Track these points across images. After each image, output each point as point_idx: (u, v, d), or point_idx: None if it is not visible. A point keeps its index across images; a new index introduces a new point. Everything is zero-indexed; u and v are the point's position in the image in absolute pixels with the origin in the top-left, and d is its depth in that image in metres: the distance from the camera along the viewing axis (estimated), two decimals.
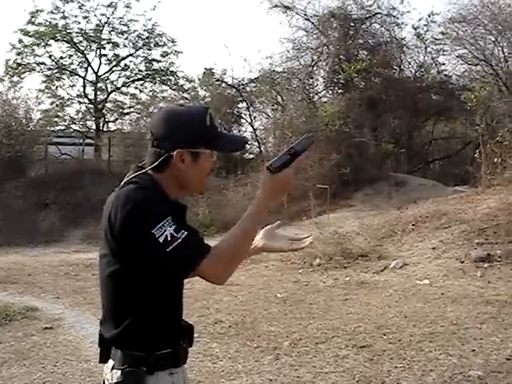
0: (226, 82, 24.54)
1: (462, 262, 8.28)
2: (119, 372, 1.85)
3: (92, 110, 25.17)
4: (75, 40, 24.44)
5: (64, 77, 25.14)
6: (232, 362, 5.25)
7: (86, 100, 25.32)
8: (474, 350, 5.09)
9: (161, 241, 1.72)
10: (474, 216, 9.97)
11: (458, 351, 5.10)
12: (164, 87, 26.26)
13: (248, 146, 24.21)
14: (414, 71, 22.51)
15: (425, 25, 21.71)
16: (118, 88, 25.97)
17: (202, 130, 1.92)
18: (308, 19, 21.67)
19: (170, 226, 1.74)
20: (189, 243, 1.75)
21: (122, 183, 1.92)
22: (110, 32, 24.98)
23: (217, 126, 2.02)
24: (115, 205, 1.81)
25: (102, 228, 1.89)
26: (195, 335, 2.09)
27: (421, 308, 6.63)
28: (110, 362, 1.89)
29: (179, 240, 1.73)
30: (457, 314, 6.26)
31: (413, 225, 10.61)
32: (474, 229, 9.26)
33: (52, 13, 23.70)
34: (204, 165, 1.95)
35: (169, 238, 1.72)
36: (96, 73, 25.09)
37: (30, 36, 23.77)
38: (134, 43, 25.35)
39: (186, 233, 1.75)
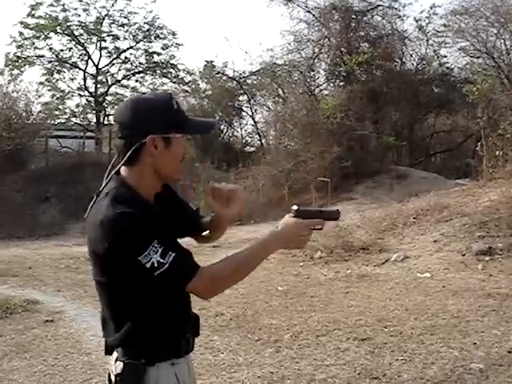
0: (226, 75, 24.52)
1: (464, 255, 8.27)
2: (121, 364, 1.87)
3: (92, 103, 25.14)
4: (75, 33, 24.40)
5: (64, 70, 25.14)
6: (233, 354, 5.25)
7: (86, 93, 25.32)
8: (475, 343, 5.09)
9: (148, 267, 1.72)
10: (475, 209, 9.96)
11: (459, 344, 5.09)
12: (164, 80, 26.25)
13: (249, 139, 24.25)
14: (415, 64, 22.50)
15: (427, 17, 21.73)
16: (119, 81, 25.96)
17: (171, 115, 1.89)
18: (309, 11, 21.62)
19: (156, 252, 1.72)
20: (176, 267, 1.75)
21: (102, 191, 1.88)
22: (110, 24, 24.99)
23: (183, 109, 1.98)
24: (98, 230, 1.77)
25: (87, 243, 1.87)
26: None
27: (422, 301, 6.62)
28: (115, 354, 1.92)
29: (166, 265, 1.73)
30: (458, 306, 6.25)
31: (414, 218, 10.60)
32: (476, 222, 9.24)
33: (52, 5, 23.70)
34: (176, 149, 1.91)
35: (155, 265, 1.72)
36: (96, 65, 25.09)
37: (30, 29, 23.73)
38: (134, 36, 25.32)
39: (174, 255, 1.75)
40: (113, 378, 1.91)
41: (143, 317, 1.86)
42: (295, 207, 1.99)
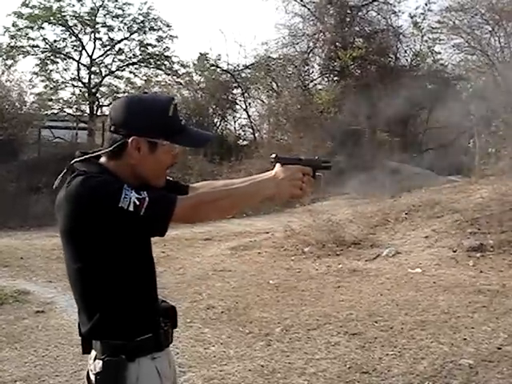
0: (221, 68, 24.43)
1: (455, 252, 8.30)
2: (100, 362, 1.84)
3: (86, 94, 25.01)
4: (70, 23, 24.20)
5: (58, 60, 24.92)
6: (224, 347, 5.26)
7: (79, 84, 25.16)
8: (465, 339, 5.11)
9: (131, 209, 1.71)
10: (466, 206, 10.00)
11: (450, 340, 5.12)
12: (158, 72, 26.12)
13: (242, 133, 24.21)
14: (409, 60, 22.55)
15: (422, 13, 21.74)
16: (113, 72, 25.79)
17: (163, 121, 1.87)
18: (304, 5, 21.63)
19: (131, 192, 1.73)
20: (155, 197, 1.75)
21: (65, 169, 1.90)
22: (104, 15, 24.76)
23: (181, 118, 1.96)
24: (69, 201, 1.78)
25: (59, 228, 1.86)
26: (187, 320, 2.10)
27: (413, 296, 6.65)
28: (93, 353, 1.89)
29: (147, 199, 1.73)
30: (448, 302, 6.28)
31: (406, 213, 10.63)
32: (467, 218, 9.28)
33: None
34: (162, 157, 1.89)
35: (137, 203, 1.71)
36: (90, 56, 24.90)
37: (23, 19, 23.54)
38: (128, 27, 25.15)
39: (145, 191, 1.75)
40: (92, 377, 1.87)
41: (113, 303, 1.84)
42: (273, 155, 1.98)
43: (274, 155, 1.97)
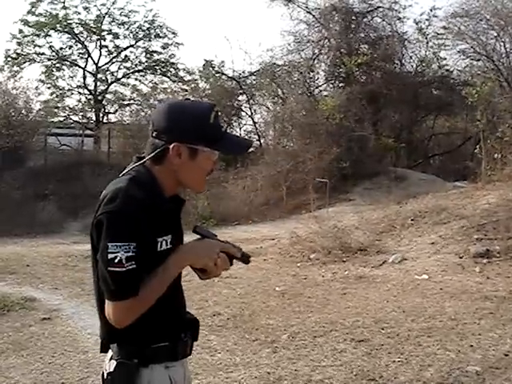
0: (226, 75, 24.49)
1: (461, 258, 8.27)
2: (114, 363, 1.85)
3: (92, 101, 25.10)
4: (75, 31, 24.38)
5: (64, 67, 25.10)
6: (230, 354, 5.25)
7: (85, 91, 25.27)
8: (472, 346, 5.09)
9: (109, 257, 1.70)
10: (473, 212, 9.96)
11: (456, 346, 5.09)
12: (164, 79, 26.20)
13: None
14: (415, 66, 22.55)
15: (427, 19, 21.76)
16: (119, 79, 25.91)
17: (204, 127, 1.86)
18: (309, 12, 21.67)
19: (127, 252, 1.70)
20: (128, 278, 1.71)
21: (122, 174, 1.89)
22: (110, 23, 24.94)
23: (221, 125, 1.96)
24: (103, 199, 1.78)
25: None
26: None
27: (419, 303, 6.62)
28: (110, 353, 1.90)
29: (123, 269, 1.70)
30: (455, 309, 6.25)
31: (412, 219, 10.60)
32: (474, 224, 9.24)
33: (52, 3, 23.65)
34: (202, 163, 1.90)
35: (116, 261, 1.69)
36: (96, 64, 25.05)
37: (30, 26, 23.70)
38: (134, 34, 25.29)
39: (134, 267, 1.71)
40: (106, 376, 1.89)
41: None
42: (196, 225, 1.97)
43: (194, 227, 1.95)
